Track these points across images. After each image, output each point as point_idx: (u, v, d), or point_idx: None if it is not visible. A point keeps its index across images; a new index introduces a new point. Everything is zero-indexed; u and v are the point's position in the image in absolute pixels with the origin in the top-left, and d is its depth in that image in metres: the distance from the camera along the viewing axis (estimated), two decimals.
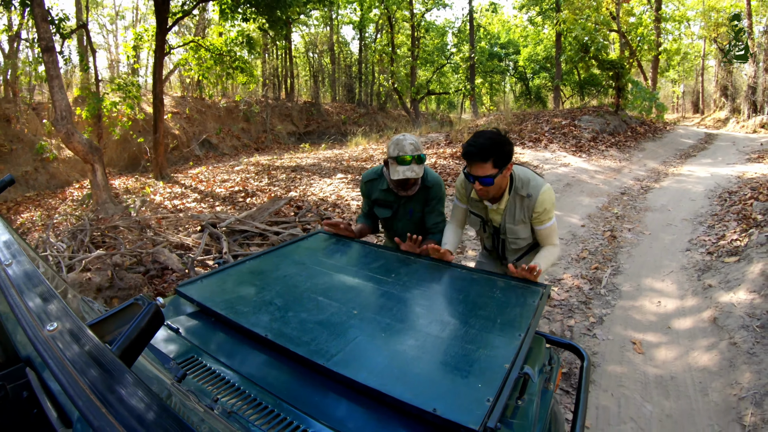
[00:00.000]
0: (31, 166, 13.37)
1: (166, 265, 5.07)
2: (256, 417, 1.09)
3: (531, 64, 28.15)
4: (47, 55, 8.33)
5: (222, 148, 19.20)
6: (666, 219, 6.48)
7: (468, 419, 1.05)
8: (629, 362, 3.25)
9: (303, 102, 24.64)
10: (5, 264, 0.89)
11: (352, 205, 6.80)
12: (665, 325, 3.69)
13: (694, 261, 4.83)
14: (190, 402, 0.86)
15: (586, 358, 1.72)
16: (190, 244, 5.38)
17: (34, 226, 9.15)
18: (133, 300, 0.78)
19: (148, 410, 0.53)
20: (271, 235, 5.40)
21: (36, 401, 0.81)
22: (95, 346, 0.62)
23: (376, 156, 11.35)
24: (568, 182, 8.41)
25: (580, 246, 5.42)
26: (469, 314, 1.57)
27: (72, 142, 8.61)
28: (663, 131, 16.02)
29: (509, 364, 1.25)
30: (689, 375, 3.08)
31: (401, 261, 2.09)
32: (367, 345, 1.38)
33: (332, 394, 1.22)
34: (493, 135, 2.06)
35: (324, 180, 8.94)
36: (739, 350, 3.11)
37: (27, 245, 1.23)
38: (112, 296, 4.42)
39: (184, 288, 1.72)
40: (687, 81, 37.74)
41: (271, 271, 1.95)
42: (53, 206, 10.81)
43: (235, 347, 1.43)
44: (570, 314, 3.86)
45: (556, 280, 4.49)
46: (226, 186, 9.46)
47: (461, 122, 17.63)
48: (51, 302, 0.74)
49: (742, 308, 3.51)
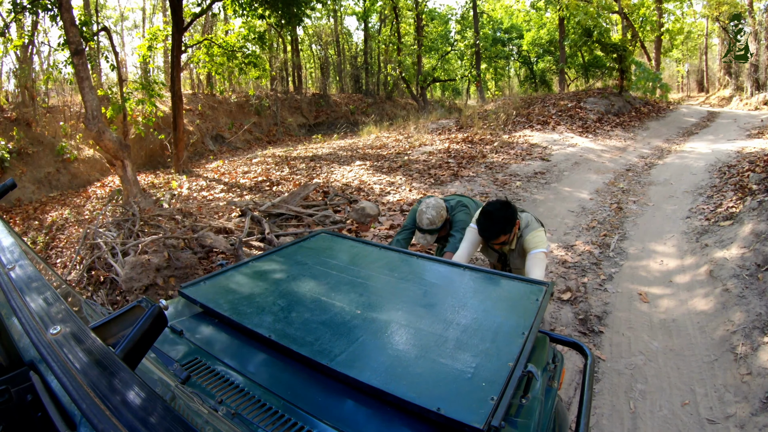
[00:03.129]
0: (53, 167, 13.77)
1: (211, 247, 5.60)
2: (261, 418, 1.11)
3: (535, 48, 28.30)
4: (77, 57, 8.77)
5: (235, 143, 19.67)
6: (668, 192, 6.95)
7: (472, 418, 1.06)
8: (636, 310, 3.76)
9: (311, 94, 25.02)
10: (8, 267, 0.91)
11: (376, 189, 7.31)
12: (667, 280, 4.20)
13: (693, 226, 5.31)
14: (195, 404, 0.87)
15: (590, 357, 1.72)
16: (232, 228, 5.91)
17: (67, 222, 9.72)
18: (136, 302, 0.80)
19: (152, 413, 0.54)
20: (305, 217, 5.93)
21: (40, 405, 0.80)
22: (99, 349, 0.62)
23: (390, 144, 11.79)
24: (576, 161, 8.88)
25: (589, 217, 5.91)
26: (473, 313, 1.58)
27: (103, 140, 9.09)
28: (666, 111, 16.37)
29: (513, 362, 1.27)
30: (689, 317, 3.59)
31: (404, 260, 2.10)
32: (371, 345, 1.39)
33: (336, 394, 1.23)
34: (500, 215, 2.53)
35: (343, 167, 9.42)
36: (731, 295, 3.61)
37: (29, 248, 1.26)
38: (169, 275, 4.96)
39: (187, 290, 1.73)
40: (691, 60, 37.67)
41: (273, 272, 1.98)
42: (79, 204, 11.35)
43: (239, 348, 1.45)
44: (583, 273, 4.37)
45: (570, 246, 4.99)
46: (249, 177, 9.95)
47: (468, 108, 18.01)
48: (54, 305, 0.75)
49: (734, 261, 4.00)
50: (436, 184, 7.44)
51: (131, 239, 6.05)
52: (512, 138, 10.79)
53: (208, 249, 5.61)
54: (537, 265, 2.56)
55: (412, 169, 8.42)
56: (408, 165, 8.79)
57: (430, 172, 8.17)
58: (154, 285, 4.59)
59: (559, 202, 6.58)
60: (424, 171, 8.25)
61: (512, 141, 10.48)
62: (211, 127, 19.29)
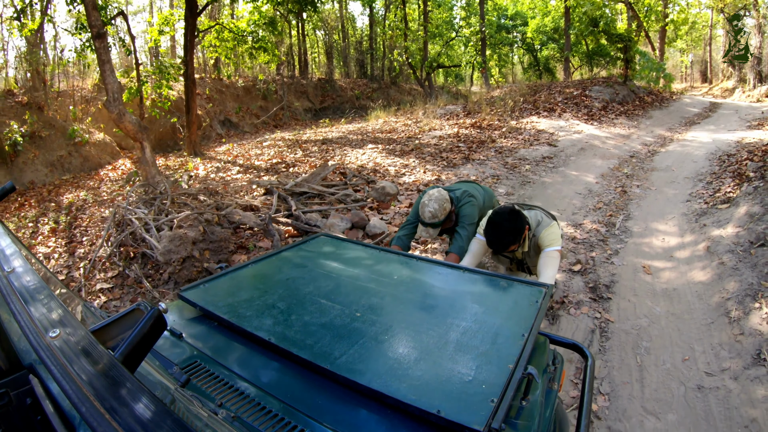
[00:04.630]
0: (65, 150, 13.88)
1: (239, 224, 5.93)
2: (261, 421, 1.12)
3: (539, 36, 28.39)
4: (99, 41, 8.98)
5: (242, 126, 19.89)
6: (670, 177, 7.30)
7: (472, 420, 1.06)
8: (641, 280, 4.14)
9: (317, 79, 25.18)
10: (7, 271, 0.90)
11: (391, 170, 7.64)
12: (669, 255, 4.57)
13: (693, 209, 5.67)
14: (194, 407, 0.87)
15: (590, 358, 1.71)
16: (258, 206, 6.25)
17: (86, 203, 10.03)
18: (135, 306, 0.80)
19: (151, 416, 0.54)
20: (328, 195, 6.27)
21: (39, 408, 0.81)
22: (98, 352, 0.62)
23: (399, 128, 12.06)
24: (582, 147, 9.22)
25: (596, 199, 6.27)
26: (472, 315, 1.59)
27: (123, 122, 9.35)
28: (670, 100, 16.65)
29: (513, 364, 1.27)
30: (688, 287, 3.96)
31: (403, 263, 2.10)
32: (371, 347, 1.40)
33: (336, 397, 1.24)
34: (509, 227, 2.52)
35: (356, 150, 9.73)
36: (726, 267, 3.98)
37: (28, 252, 1.23)
38: (204, 248, 5.29)
39: (187, 293, 1.74)
40: (695, 50, 37.72)
41: (273, 274, 1.99)
42: (93, 186, 11.62)
43: (239, 351, 1.46)
44: (591, 249, 4.74)
45: (578, 225, 5.35)
46: (264, 159, 10.25)
47: (473, 94, 18.27)
48: (53, 308, 0.75)
49: (730, 239, 4.37)
50: (448, 167, 7.77)
51: (162, 216, 6.40)
52: (520, 124, 11.11)
53: (236, 225, 5.94)
54: (549, 265, 2.56)
55: (425, 153, 8.74)
56: (420, 149, 9.11)
57: (442, 155, 8.50)
58: (191, 257, 4.92)
59: (567, 185, 6.93)
60: (436, 154, 8.58)
61: (520, 127, 10.80)
62: (219, 111, 19.49)
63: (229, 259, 5.10)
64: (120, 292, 5.06)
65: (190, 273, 4.80)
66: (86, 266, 5.45)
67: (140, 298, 4.83)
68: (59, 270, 5.70)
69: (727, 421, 2.63)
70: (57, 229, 7.49)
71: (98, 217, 8.00)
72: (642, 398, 2.85)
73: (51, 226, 7.50)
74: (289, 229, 5.42)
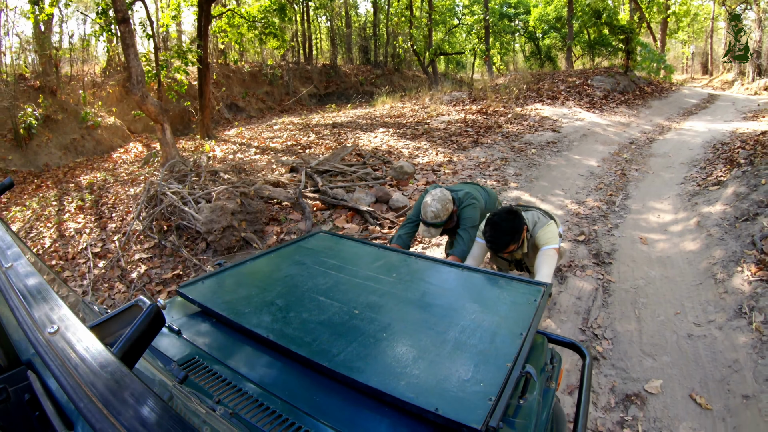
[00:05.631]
0: (78, 133, 14.05)
1: (269, 198, 6.37)
2: (259, 418, 1.12)
3: (541, 24, 28.66)
4: (123, 25, 9.30)
5: (248, 111, 20.21)
6: (667, 163, 7.80)
7: (470, 418, 1.07)
8: (638, 249, 4.65)
9: (321, 65, 25.45)
10: (5, 267, 0.90)
11: (404, 152, 8.11)
12: (663, 229, 5.08)
13: (686, 190, 6.18)
14: (192, 404, 0.87)
15: (588, 357, 1.72)
16: (285, 182, 6.71)
17: (106, 182, 10.41)
18: (133, 302, 0.80)
19: (150, 412, 0.54)
20: (349, 173, 6.74)
21: (38, 404, 0.81)
22: (96, 349, 0.63)
23: (407, 113, 12.44)
24: (584, 133, 9.71)
25: (597, 180, 6.78)
26: (470, 313, 1.59)
27: (146, 104, 9.73)
28: (669, 91, 17.11)
29: (511, 363, 1.28)
30: (680, 255, 4.47)
31: (402, 260, 2.12)
32: (369, 345, 1.40)
33: (334, 394, 1.24)
34: (508, 226, 2.55)
35: (368, 134, 10.15)
36: (713, 238, 4.49)
37: (26, 247, 1.24)
38: (241, 219, 5.74)
39: (185, 289, 1.74)
40: (697, 42, 37.97)
41: (272, 271, 2.00)
42: (108, 168, 11.97)
43: (237, 348, 1.46)
44: (594, 223, 5.24)
45: (581, 202, 5.86)
46: (279, 141, 10.67)
47: (476, 82, 18.65)
48: (51, 304, 0.75)
49: (718, 215, 4.88)
50: (459, 149, 8.24)
51: (197, 190, 6.85)
52: (525, 111, 11.57)
53: (266, 199, 6.40)
54: (545, 263, 2.56)
55: (435, 136, 9.20)
56: (430, 132, 9.57)
57: (451, 138, 8.96)
58: (230, 227, 5.38)
59: (570, 168, 7.43)
60: (446, 138, 9.04)
61: (525, 113, 11.26)
62: (226, 95, 19.83)
63: (263, 230, 5.58)
64: (159, 261, 5.48)
65: (230, 241, 5.27)
66: (120, 239, 5.87)
67: (180, 266, 5.27)
68: (93, 243, 6.06)
69: (713, 362, 3.13)
70: (84, 207, 7.72)
71: (123, 195, 8.32)
72: (640, 343, 3.36)
73: (77, 204, 7.81)
74: (316, 203, 5.89)
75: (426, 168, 7.11)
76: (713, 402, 2.79)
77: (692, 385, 2.95)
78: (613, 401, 2.87)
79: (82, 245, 6.07)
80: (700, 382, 2.96)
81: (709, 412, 2.73)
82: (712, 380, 2.97)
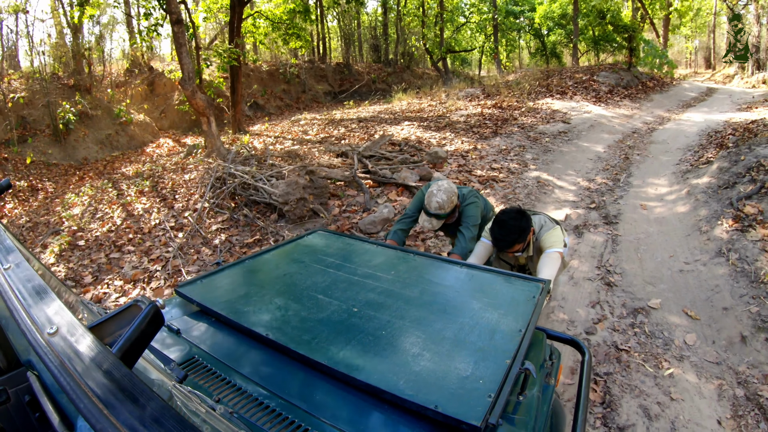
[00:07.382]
0: (112, 129, 14.89)
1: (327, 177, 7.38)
2: (258, 417, 1.13)
3: (546, 21, 29.51)
4: (177, 26, 10.26)
5: (268, 108, 21.20)
6: (665, 148, 8.88)
7: (470, 415, 1.08)
8: (639, 213, 5.74)
9: (335, 63, 26.46)
10: (4, 268, 0.91)
11: (432, 141, 9.21)
12: (660, 198, 6.17)
13: (681, 169, 7.26)
14: (192, 403, 0.88)
15: (587, 353, 1.74)
16: (337, 165, 7.80)
17: (154, 172, 11.40)
18: (133, 302, 0.81)
19: (149, 412, 0.54)
20: (392, 158, 7.83)
21: (38, 405, 0.80)
22: (96, 349, 0.63)
23: (425, 108, 13.44)
24: (591, 124, 10.81)
25: (604, 163, 7.88)
26: (469, 310, 1.60)
27: (195, 99, 10.75)
28: (670, 85, 18.17)
29: (510, 359, 1.28)
30: (673, 216, 5.56)
31: (401, 258, 2.12)
32: (368, 343, 1.40)
33: (333, 392, 1.25)
34: (515, 224, 2.49)
35: (394, 126, 11.19)
36: (699, 202, 5.59)
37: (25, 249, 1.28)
38: (310, 193, 6.67)
39: (184, 288, 1.74)
40: (700, 37, 38.53)
41: (270, 270, 2.01)
42: (148, 161, 12.84)
43: (236, 347, 1.46)
44: (602, 195, 6.35)
45: (591, 179, 6.95)
46: (312, 134, 11.71)
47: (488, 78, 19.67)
48: (50, 305, 0.75)
49: (704, 185, 5.99)
50: (481, 138, 9.33)
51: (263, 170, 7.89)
52: (536, 105, 12.65)
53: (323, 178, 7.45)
54: (548, 265, 2.51)
55: (457, 128, 10.28)
56: (452, 125, 10.65)
57: (473, 130, 10.05)
58: (303, 198, 6.41)
59: (581, 153, 8.53)
60: (468, 129, 10.12)
61: (537, 107, 12.35)
62: (246, 93, 20.86)
63: (326, 203, 6.65)
64: (236, 231, 6.44)
65: (302, 211, 6.33)
66: (192, 216, 6.68)
67: (258, 233, 6.18)
68: (167, 219, 6.97)
69: (699, 287, 4.19)
70: (144, 191, 8.51)
71: (179, 180, 9.15)
72: (642, 276, 4.45)
73: (137, 189, 8.61)
74: (368, 181, 6.97)
75: (455, 154, 8.21)
76: (701, 314, 3.80)
77: (684, 303, 3.99)
78: (625, 312, 3.94)
79: (154, 222, 6.86)
80: (690, 302, 4.00)
81: (698, 321, 3.75)
82: (699, 300, 4.00)
